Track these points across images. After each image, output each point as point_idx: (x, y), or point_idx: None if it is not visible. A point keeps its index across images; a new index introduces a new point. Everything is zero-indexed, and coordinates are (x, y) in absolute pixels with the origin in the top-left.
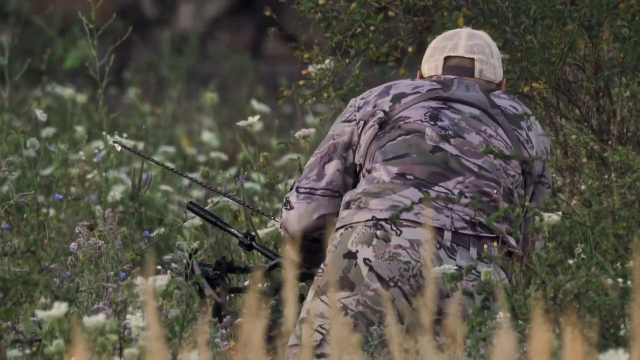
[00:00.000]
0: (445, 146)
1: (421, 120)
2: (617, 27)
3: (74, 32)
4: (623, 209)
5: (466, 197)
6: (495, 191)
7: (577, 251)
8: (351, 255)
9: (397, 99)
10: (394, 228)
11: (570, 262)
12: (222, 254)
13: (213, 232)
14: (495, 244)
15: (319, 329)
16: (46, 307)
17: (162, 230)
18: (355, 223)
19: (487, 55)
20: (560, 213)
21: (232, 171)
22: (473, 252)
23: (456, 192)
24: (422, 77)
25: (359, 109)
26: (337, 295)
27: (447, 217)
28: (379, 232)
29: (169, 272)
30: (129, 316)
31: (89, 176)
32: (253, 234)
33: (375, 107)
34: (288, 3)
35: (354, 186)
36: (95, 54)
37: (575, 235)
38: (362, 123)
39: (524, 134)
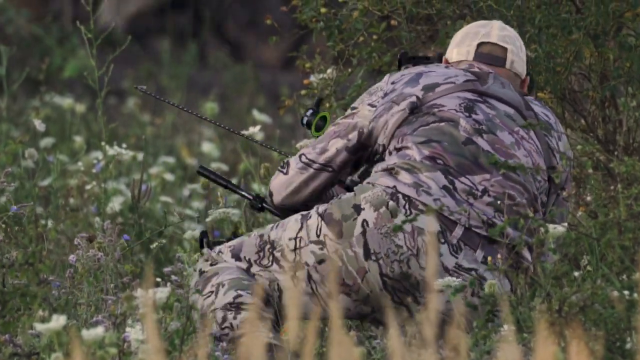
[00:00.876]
0: (478, 140)
1: (455, 110)
2: (623, 36)
3: (72, 41)
4: (629, 220)
5: (489, 196)
6: (524, 196)
7: (582, 263)
8: (356, 208)
9: (429, 88)
10: (407, 207)
11: (576, 274)
12: None
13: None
14: (503, 250)
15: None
16: (44, 320)
17: (162, 241)
18: (378, 184)
19: (517, 47)
20: (566, 224)
21: (233, 182)
22: (479, 254)
23: (480, 188)
24: (447, 63)
25: (385, 95)
26: (327, 230)
27: (465, 211)
28: (390, 202)
29: (168, 284)
30: (128, 329)
31: (88, 187)
32: (262, 196)
33: (401, 94)
34: (289, 12)
35: (354, 166)
36: (94, 63)
37: (581, 246)
38: (381, 109)
39: (553, 141)
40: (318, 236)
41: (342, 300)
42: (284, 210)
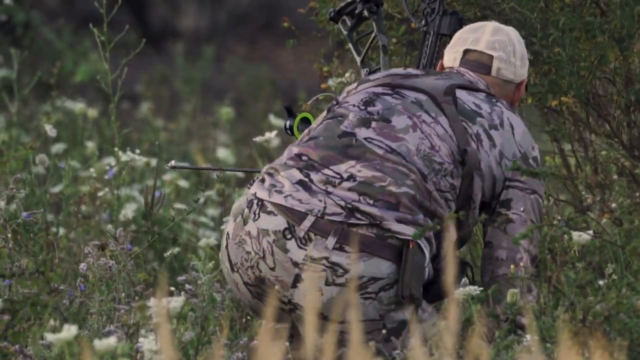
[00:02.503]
0: (359, 131)
1: (353, 105)
2: None
3: (84, 45)
4: None
5: (354, 181)
6: (409, 177)
7: (607, 271)
8: (228, 221)
9: (360, 83)
10: (257, 211)
11: (600, 282)
12: None
13: None
14: (364, 231)
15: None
16: (55, 330)
17: (176, 249)
18: (249, 192)
19: (508, 53)
20: (590, 232)
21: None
22: (330, 240)
23: (346, 175)
24: (442, 67)
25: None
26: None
27: (320, 201)
28: (245, 210)
29: (182, 293)
30: (141, 339)
31: (100, 194)
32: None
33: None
34: (306, 14)
35: None
36: (107, 66)
37: (605, 254)
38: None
39: (476, 129)
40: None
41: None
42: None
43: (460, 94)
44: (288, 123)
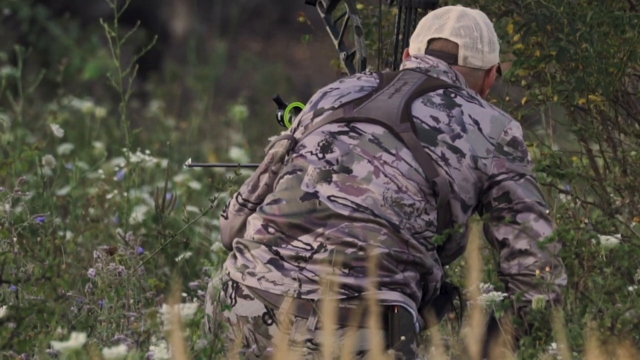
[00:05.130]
0: (321, 188)
1: (311, 152)
2: None
3: (92, 41)
4: None
5: (325, 251)
6: (381, 231)
7: (636, 277)
8: (209, 299)
9: (316, 115)
10: (233, 295)
11: (630, 288)
12: None
13: None
14: (344, 305)
15: None
16: (63, 338)
17: (188, 254)
18: (225, 266)
19: (474, 39)
20: (619, 236)
21: None
22: (312, 321)
23: (316, 245)
24: (407, 55)
25: (298, 123)
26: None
27: (294, 279)
28: (221, 294)
29: (195, 299)
30: (152, 347)
31: (109, 196)
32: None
33: (299, 123)
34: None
35: None
36: (118, 63)
37: (635, 259)
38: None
39: (439, 150)
40: None
41: None
42: None
43: (416, 108)
44: (279, 114)
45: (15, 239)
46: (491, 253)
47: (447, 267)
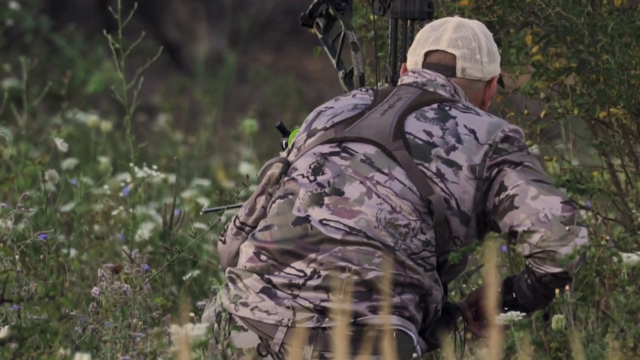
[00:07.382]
0: (313, 211)
1: (302, 175)
2: None
3: (97, 53)
4: None
5: (318, 277)
6: (375, 254)
7: None
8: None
9: (309, 136)
10: (226, 327)
11: None
12: None
13: None
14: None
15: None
16: (66, 359)
17: (196, 272)
18: (219, 296)
19: (472, 49)
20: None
21: None
22: (307, 350)
23: (309, 271)
24: (405, 70)
25: (294, 142)
26: None
27: (288, 308)
28: (215, 326)
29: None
30: None
31: (114, 212)
32: None
33: (293, 145)
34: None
35: None
36: (123, 76)
37: None
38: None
39: (434, 165)
40: None
41: None
42: None
43: (409, 124)
44: (284, 142)
45: (17, 257)
46: (510, 271)
47: (465, 285)
